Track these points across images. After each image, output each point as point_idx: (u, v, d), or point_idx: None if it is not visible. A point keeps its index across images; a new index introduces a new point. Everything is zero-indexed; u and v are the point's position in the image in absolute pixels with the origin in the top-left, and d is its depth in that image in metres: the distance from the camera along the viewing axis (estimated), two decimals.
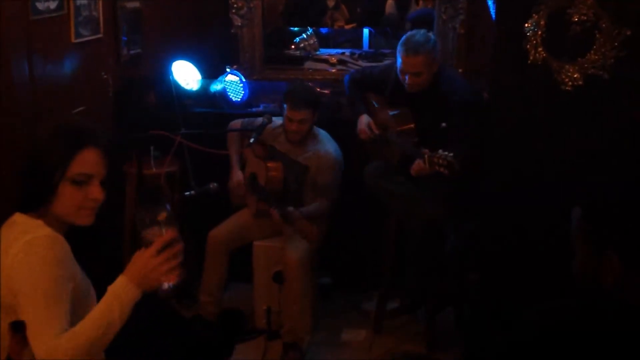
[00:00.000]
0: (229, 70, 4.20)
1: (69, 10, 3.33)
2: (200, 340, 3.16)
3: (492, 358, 1.91)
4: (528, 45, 2.88)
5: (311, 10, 5.52)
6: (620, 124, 2.86)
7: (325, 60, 4.70)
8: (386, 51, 4.80)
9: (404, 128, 3.42)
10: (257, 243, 3.66)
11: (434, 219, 3.38)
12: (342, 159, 3.65)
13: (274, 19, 5.20)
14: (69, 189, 1.84)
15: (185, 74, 4.11)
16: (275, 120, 3.67)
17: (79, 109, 3.45)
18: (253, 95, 4.25)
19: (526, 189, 2.98)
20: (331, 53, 4.82)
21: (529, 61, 2.88)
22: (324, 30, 5.36)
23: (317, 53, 4.83)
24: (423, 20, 4.58)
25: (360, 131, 3.57)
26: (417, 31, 3.44)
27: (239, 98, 4.16)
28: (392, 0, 5.69)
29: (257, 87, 4.35)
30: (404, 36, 3.40)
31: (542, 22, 2.85)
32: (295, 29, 5.06)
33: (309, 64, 4.69)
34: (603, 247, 1.67)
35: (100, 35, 3.67)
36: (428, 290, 3.61)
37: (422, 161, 3.11)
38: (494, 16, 3.23)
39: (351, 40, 5.25)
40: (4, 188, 2.89)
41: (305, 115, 3.51)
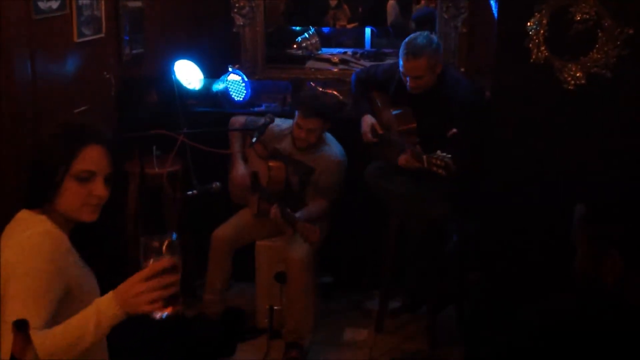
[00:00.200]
0: (231, 69, 4.21)
1: (71, 10, 3.33)
2: (203, 339, 3.17)
3: (493, 358, 1.91)
4: (530, 44, 2.88)
5: (313, 9, 5.52)
6: (623, 122, 2.85)
7: (327, 60, 4.69)
8: (388, 50, 4.79)
9: (406, 127, 3.42)
10: (260, 243, 3.67)
11: (434, 219, 3.38)
12: (346, 161, 3.65)
13: (275, 19, 5.20)
14: (72, 186, 1.86)
15: (187, 74, 4.11)
16: (280, 124, 3.67)
17: (81, 108, 3.45)
18: (255, 95, 4.25)
19: (528, 188, 2.98)
20: (333, 52, 4.82)
21: (531, 60, 2.88)
22: (325, 29, 5.36)
23: (319, 52, 4.83)
24: (427, 19, 4.58)
25: (363, 133, 3.58)
26: (420, 33, 3.43)
27: (241, 97, 4.16)
28: (394, 0, 5.69)
29: (259, 87, 4.35)
30: (407, 38, 3.40)
31: (544, 21, 2.85)
32: (297, 28, 5.06)
33: (310, 64, 4.68)
34: (605, 246, 1.67)
35: (103, 35, 3.67)
36: (429, 290, 3.61)
37: (409, 155, 3.16)
38: (496, 15, 3.23)
39: (353, 39, 5.24)
40: (7, 186, 2.89)
41: (316, 124, 3.50)
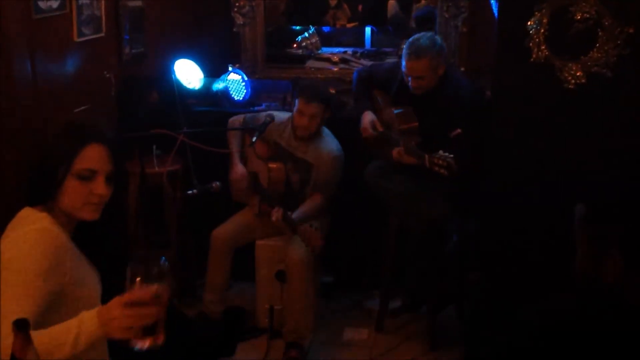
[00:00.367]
0: (231, 69, 4.21)
1: (71, 9, 3.33)
2: (203, 339, 3.17)
3: (493, 358, 1.91)
4: (531, 44, 2.88)
5: (313, 8, 5.51)
6: (623, 122, 2.85)
7: (327, 59, 4.69)
8: (388, 50, 4.79)
9: (408, 126, 3.41)
10: (260, 242, 3.66)
11: (434, 219, 3.38)
12: (343, 157, 3.65)
13: (275, 18, 5.18)
14: (74, 184, 1.87)
15: (188, 73, 4.11)
16: (279, 115, 3.67)
17: (82, 107, 3.45)
18: (255, 94, 4.25)
19: (528, 187, 2.98)
20: (333, 52, 4.81)
21: (532, 59, 2.88)
22: (325, 28, 5.34)
23: (319, 52, 4.83)
24: (428, 18, 4.57)
25: (363, 129, 3.56)
26: (424, 34, 3.42)
27: (241, 97, 4.16)
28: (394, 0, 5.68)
29: (259, 86, 4.35)
30: (411, 38, 3.39)
31: (545, 20, 2.85)
32: (297, 27, 5.05)
33: (311, 63, 4.68)
34: (605, 246, 1.67)
35: (103, 34, 3.67)
36: (429, 290, 3.61)
37: (403, 149, 3.21)
38: (496, 14, 3.23)
39: (353, 38, 5.23)
40: (7, 185, 2.89)
41: (317, 110, 3.52)
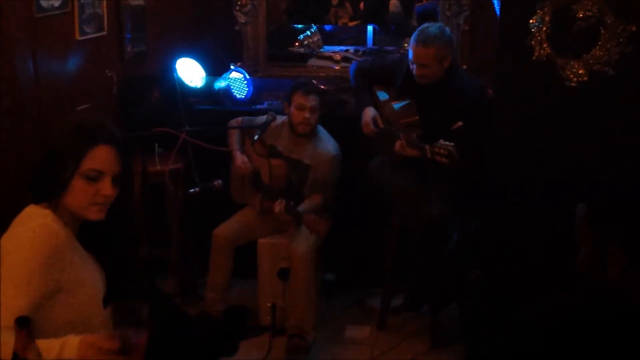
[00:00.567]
0: (233, 67, 4.21)
1: (72, 8, 3.33)
2: (205, 338, 3.16)
3: (494, 357, 1.91)
4: (533, 42, 2.87)
5: (315, 7, 5.51)
6: (625, 120, 2.85)
7: (329, 58, 4.69)
8: (390, 48, 4.79)
9: (409, 121, 3.41)
10: (262, 240, 3.67)
11: (434, 219, 3.37)
12: (341, 157, 3.65)
13: (277, 16, 5.19)
14: (80, 184, 1.88)
15: (190, 72, 4.11)
16: (277, 119, 3.67)
17: (83, 106, 3.45)
18: (257, 93, 4.25)
19: (529, 186, 2.98)
20: (335, 50, 4.82)
21: (534, 57, 2.88)
22: (327, 27, 5.34)
23: (321, 50, 4.83)
24: (430, 14, 4.57)
25: (364, 124, 3.54)
26: (434, 24, 3.45)
27: (243, 95, 4.16)
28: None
29: (261, 85, 4.35)
30: (420, 26, 3.40)
31: (547, 18, 2.84)
32: (299, 26, 5.05)
33: (312, 61, 4.68)
34: (607, 245, 1.66)
35: (104, 33, 3.67)
36: (429, 289, 3.61)
37: (404, 141, 3.19)
38: (498, 12, 3.22)
39: (355, 37, 5.23)
40: (8, 184, 2.90)
41: (316, 102, 3.55)
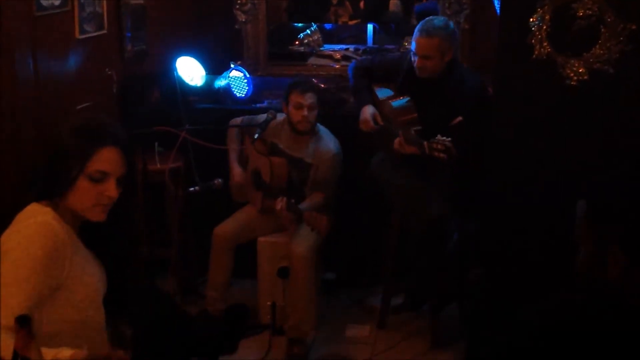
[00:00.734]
0: (233, 66, 4.20)
1: (73, 7, 3.33)
2: (205, 337, 3.17)
3: (494, 357, 1.91)
4: (533, 40, 2.87)
5: (315, 6, 5.51)
6: (625, 118, 2.84)
7: (329, 56, 4.69)
8: (390, 47, 4.79)
9: (407, 118, 3.40)
10: (262, 239, 3.67)
11: (434, 219, 3.37)
12: (342, 155, 3.65)
13: (277, 15, 5.19)
14: (85, 185, 1.88)
15: (190, 70, 4.11)
16: (277, 117, 3.67)
17: (83, 105, 3.45)
18: (257, 91, 4.25)
19: (529, 185, 2.97)
20: (335, 49, 4.81)
21: (534, 56, 2.87)
22: (327, 26, 5.34)
23: (321, 49, 4.83)
24: (430, 13, 4.57)
25: (363, 121, 3.53)
26: (438, 17, 3.46)
27: (243, 94, 4.16)
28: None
29: (261, 83, 4.35)
30: (425, 19, 3.41)
31: (547, 17, 2.84)
32: (299, 24, 5.05)
33: (312, 60, 4.68)
34: (607, 244, 1.66)
35: (105, 32, 3.67)
36: (430, 289, 3.61)
37: (402, 138, 3.18)
38: (498, 11, 3.22)
39: (355, 36, 5.23)
40: (8, 182, 2.90)
41: (313, 99, 3.55)
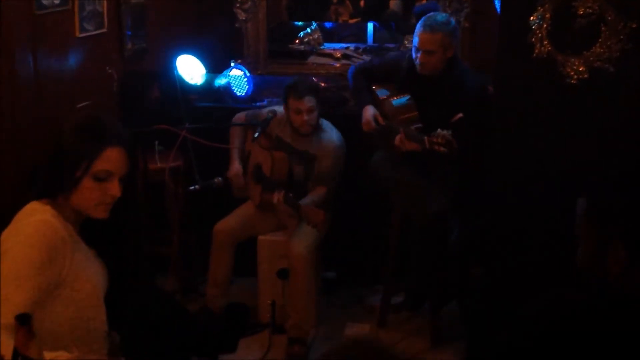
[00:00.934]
0: (233, 64, 4.20)
1: (73, 5, 3.33)
2: (205, 334, 3.17)
3: (494, 356, 1.90)
4: (533, 39, 2.87)
5: (315, 4, 5.50)
6: (625, 117, 2.84)
7: (329, 55, 4.69)
8: (390, 45, 4.78)
9: (408, 116, 3.41)
10: (262, 237, 3.67)
11: (435, 213, 3.37)
12: (345, 147, 3.65)
13: (278, 13, 5.18)
14: (90, 184, 1.89)
15: (190, 69, 4.11)
16: (281, 110, 3.67)
17: (83, 103, 3.45)
18: (257, 90, 4.25)
19: (530, 182, 2.97)
20: (335, 47, 4.81)
21: (534, 54, 2.87)
22: (328, 24, 5.33)
23: (322, 47, 4.82)
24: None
25: (365, 123, 3.54)
26: (440, 13, 3.47)
27: (243, 92, 4.16)
28: None
29: (262, 82, 4.35)
30: (426, 15, 3.41)
31: (548, 15, 2.84)
32: (300, 23, 5.05)
33: (313, 59, 4.68)
34: (609, 239, 1.66)
35: (105, 30, 3.67)
36: (431, 286, 3.61)
37: (403, 135, 3.18)
38: (498, 10, 3.22)
39: (355, 34, 5.23)
40: (8, 181, 2.90)
41: (311, 102, 3.52)
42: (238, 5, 4.41)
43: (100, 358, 1.90)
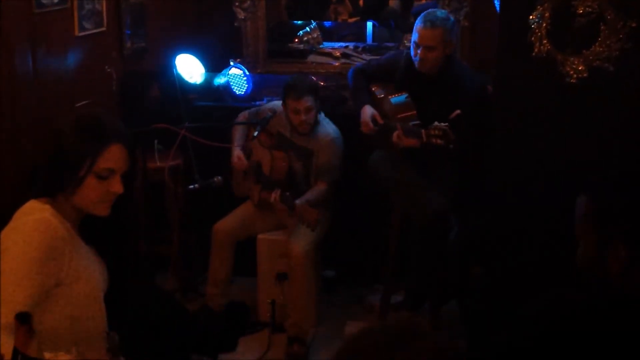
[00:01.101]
0: (232, 63, 4.20)
1: (72, 4, 3.33)
2: (205, 333, 3.17)
3: (494, 356, 1.90)
4: (533, 38, 2.86)
5: (314, 3, 5.50)
6: (625, 116, 2.84)
7: (328, 54, 4.68)
8: (390, 44, 4.78)
9: (407, 115, 3.41)
10: (261, 237, 3.67)
11: (435, 210, 3.37)
12: (342, 139, 3.65)
13: (277, 12, 5.18)
14: (93, 182, 1.89)
15: (189, 68, 4.10)
16: (278, 108, 3.66)
17: (83, 102, 3.45)
18: (257, 89, 4.25)
19: (530, 181, 2.97)
20: (335, 46, 4.81)
21: (534, 53, 2.87)
22: (327, 23, 5.33)
23: (321, 46, 4.82)
24: None
25: (363, 123, 3.54)
26: (439, 9, 3.48)
27: (242, 91, 4.16)
28: None
29: (261, 81, 4.35)
30: (425, 12, 3.42)
31: (547, 14, 2.84)
32: (299, 22, 5.04)
33: (312, 58, 4.67)
34: (609, 239, 1.66)
35: (104, 29, 3.67)
36: (431, 284, 3.60)
37: (400, 131, 3.18)
38: (498, 9, 3.22)
39: (355, 33, 5.22)
40: (7, 180, 2.89)
41: (309, 102, 3.53)
42: (237, 4, 4.41)
43: (100, 357, 1.89)
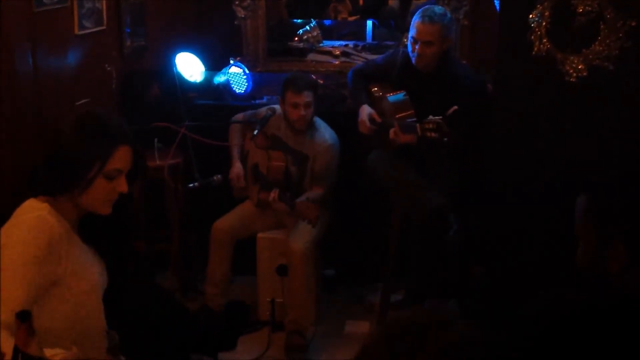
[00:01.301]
0: (232, 62, 4.20)
1: (72, 2, 3.32)
2: (205, 332, 3.17)
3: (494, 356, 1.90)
4: (532, 37, 2.87)
5: (314, 2, 5.50)
6: (625, 115, 2.84)
7: (328, 53, 4.68)
8: (390, 43, 4.78)
9: (404, 114, 3.40)
10: (261, 235, 3.67)
11: (434, 208, 3.37)
12: (339, 146, 3.65)
13: (277, 11, 5.17)
14: (101, 183, 1.91)
15: (189, 66, 4.10)
16: (278, 108, 3.67)
17: (82, 101, 3.45)
18: (256, 87, 4.25)
19: (530, 181, 2.97)
20: (334, 45, 4.80)
21: (534, 52, 2.87)
22: (327, 22, 5.33)
23: (321, 45, 4.81)
24: None
25: (360, 123, 3.53)
26: (437, 5, 3.51)
27: (242, 90, 4.15)
28: None
29: (261, 79, 4.34)
30: (423, 7, 3.43)
31: (547, 13, 2.84)
32: (299, 20, 5.04)
33: (312, 56, 4.67)
34: (609, 238, 1.66)
35: (104, 27, 3.66)
36: (430, 283, 3.60)
37: (397, 128, 3.19)
38: (498, 7, 3.22)
39: (354, 32, 5.22)
40: (7, 179, 2.89)
41: (309, 97, 3.53)
42: (237, 2, 4.40)
43: (100, 356, 1.90)
